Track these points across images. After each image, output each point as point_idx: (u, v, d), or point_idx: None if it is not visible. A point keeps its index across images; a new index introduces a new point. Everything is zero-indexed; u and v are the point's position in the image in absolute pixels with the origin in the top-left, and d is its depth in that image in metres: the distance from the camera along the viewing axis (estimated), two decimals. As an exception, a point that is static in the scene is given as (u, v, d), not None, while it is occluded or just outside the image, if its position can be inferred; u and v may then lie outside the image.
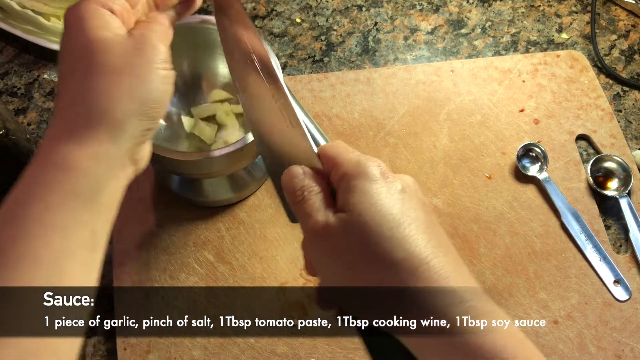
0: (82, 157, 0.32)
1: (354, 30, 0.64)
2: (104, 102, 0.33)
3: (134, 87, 0.34)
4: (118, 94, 0.33)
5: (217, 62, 0.51)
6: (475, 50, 0.63)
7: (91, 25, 0.34)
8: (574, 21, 0.65)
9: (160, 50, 0.36)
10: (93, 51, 0.34)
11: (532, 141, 0.55)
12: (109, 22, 0.35)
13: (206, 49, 0.50)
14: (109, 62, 0.34)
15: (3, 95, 0.59)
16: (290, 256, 0.50)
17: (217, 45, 0.49)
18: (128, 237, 0.50)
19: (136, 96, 0.34)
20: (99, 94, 0.33)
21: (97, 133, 0.32)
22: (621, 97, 0.60)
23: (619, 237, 0.52)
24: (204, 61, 0.51)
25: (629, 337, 0.47)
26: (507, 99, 0.58)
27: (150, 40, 0.36)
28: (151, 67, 0.35)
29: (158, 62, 0.36)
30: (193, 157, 0.43)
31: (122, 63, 0.34)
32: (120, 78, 0.34)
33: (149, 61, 0.35)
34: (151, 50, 0.36)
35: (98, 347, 0.47)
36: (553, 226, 0.51)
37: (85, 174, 0.32)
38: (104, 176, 0.33)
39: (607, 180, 0.53)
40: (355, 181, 0.33)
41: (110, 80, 0.34)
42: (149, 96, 0.34)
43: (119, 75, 0.34)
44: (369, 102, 0.58)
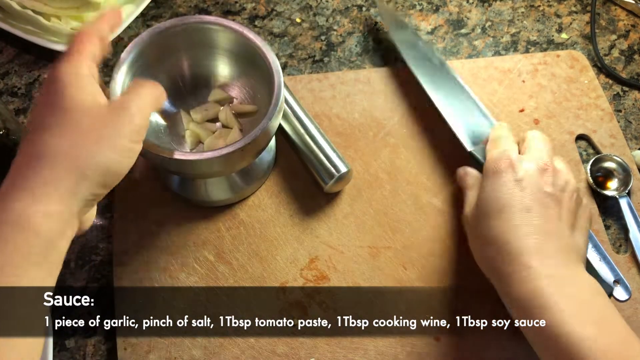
0: (36, 215, 0.31)
1: (354, 30, 0.64)
2: (60, 161, 0.33)
3: (93, 154, 0.33)
4: (77, 157, 0.33)
5: (216, 61, 0.51)
6: (475, 50, 0.63)
7: (71, 90, 0.34)
8: (574, 21, 0.65)
9: (134, 122, 0.35)
10: (65, 111, 0.34)
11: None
12: (88, 87, 0.35)
13: (205, 48, 0.50)
14: (77, 123, 0.33)
15: (3, 95, 0.59)
16: (290, 256, 0.50)
17: (215, 45, 0.49)
18: (128, 238, 0.50)
19: (93, 163, 0.33)
20: (57, 153, 0.33)
21: (52, 191, 0.32)
22: (621, 97, 0.60)
23: (619, 237, 0.52)
24: (203, 61, 0.51)
25: (629, 337, 0.47)
26: (507, 99, 0.58)
27: (128, 109, 0.35)
28: (118, 137, 0.34)
29: (127, 134, 0.35)
30: (191, 157, 0.42)
31: (90, 127, 0.34)
32: (83, 142, 0.33)
33: (118, 131, 0.34)
34: (124, 120, 0.35)
35: (98, 347, 0.47)
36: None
37: (38, 233, 0.31)
38: (56, 235, 0.32)
39: (607, 180, 0.53)
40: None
41: (73, 143, 0.33)
42: (106, 166, 0.34)
43: (83, 139, 0.33)
44: (369, 102, 0.58)
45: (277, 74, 0.45)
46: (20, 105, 0.59)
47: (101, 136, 0.34)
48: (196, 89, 0.52)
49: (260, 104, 0.51)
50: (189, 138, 0.51)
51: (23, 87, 0.60)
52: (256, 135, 0.42)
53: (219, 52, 0.50)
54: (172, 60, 0.50)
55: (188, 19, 0.47)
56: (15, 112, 0.58)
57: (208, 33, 0.48)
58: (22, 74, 0.60)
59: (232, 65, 0.51)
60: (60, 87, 0.34)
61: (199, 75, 0.52)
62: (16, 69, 0.61)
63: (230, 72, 0.52)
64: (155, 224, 0.51)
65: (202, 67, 0.51)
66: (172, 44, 0.48)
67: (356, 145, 0.55)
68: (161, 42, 0.47)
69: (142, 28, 0.64)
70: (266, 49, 0.46)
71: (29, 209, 0.31)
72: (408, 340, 0.46)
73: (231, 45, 0.49)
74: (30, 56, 0.61)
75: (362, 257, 0.50)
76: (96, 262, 0.50)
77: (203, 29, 0.48)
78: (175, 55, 0.50)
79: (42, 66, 0.61)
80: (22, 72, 0.61)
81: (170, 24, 0.46)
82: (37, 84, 0.60)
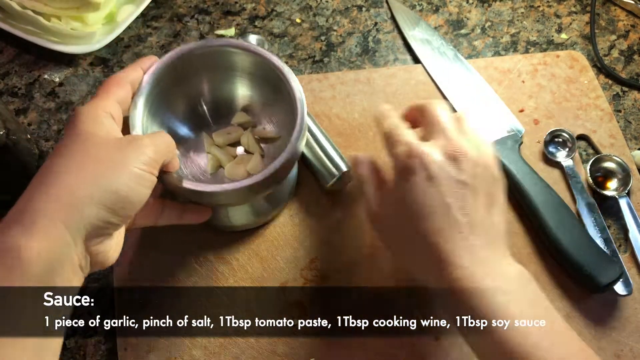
0: (25, 246, 0.30)
1: (354, 30, 0.64)
2: (59, 183, 0.33)
3: (100, 175, 0.33)
4: (81, 180, 0.33)
5: (237, 84, 0.50)
6: (475, 50, 0.63)
7: (87, 123, 0.35)
8: (574, 21, 0.65)
9: (145, 153, 0.36)
10: (76, 138, 0.35)
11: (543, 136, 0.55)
12: (104, 122, 0.36)
13: (227, 71, 0.48)
14: (89, 151, 0.34)
15: (3, 95, 0.59)
16: (290, 256, 0.50)
17: (237, 68, 0.48)
18: (127, 238, 0.50)
19: (101, 184, 0.33)
20: (59, 174, 0.33)
21: (41, 218, 0.31)
22: (620, 97, 0.60)
23: (619, 237, 0.52)
24: (225, 83, 0.50)
25: (628, 337, 0.47)
26: (507, 99, 0.58)
27: (140, 140, 0.36)
28: (127, 163, 0.35)
29: (137, 163, 0.35)
30: (209, 189, 0.41)
31: (98, 153, 0.34)
32: (91, 165, 0.34)
33: (126, 157, 0.35)
34: (134, 148, 0.36)
35: (98, 347, 0.47)
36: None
37: (29, 261, 0.30)
38: (50, 264, 0.31)
39: (606, 181, 0.53)
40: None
41: (79, 166, 0.33)
42: (116, 189, 0.34)
43: (93, 163, 0.34)
44: (369, 102, 0.58)
45: (300, 103, 0.43)
46: (20, 105, 0.59)
47: (109, 160, 0.34)
48: (217, 112, 0.51)
49: (281, 127, 0.50)
50: (209, 162, 0.50)
51: (23, 87, 0.60)
52: (276, 168, 0.41)
53: (241, 74, 0.49)
54: (192, 83, 0.48)
55: (211, 42, 0.45)
56: (15, 112, 0.58)
57: (230, 56, 0.47)
58: (22, 74, 0.60)
59: (254, 89, 0.50)
60: (77, 121, 0.35)
61: (220, 98, 0.50)
62: (16, 69, 0.61)
63: (252, 96, 0.50)
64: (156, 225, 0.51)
65: (224, 90, 0.50)
66: (192, 67, 0.47)
67: (356, 145, 0.55)
68: (181, 65, 0.45)
69: (142, 28, 0.64)
70: (290, 76, 0.44)
71: (18, 239, 0.31)
72: (408, 340, 0.46)
73: (254, 69, 0.47)
74: (30, 56, 0.61)
75: (362, 257, 0.50)
76: (96, 262, 0.50)
77: (225, 52, 0.46)
78: (196, 78, 0.48)
79: (42, 66, 0.61)
80: (22, 72, 0.61)
81: (192, 48, 0.45)
82: (37, 84, 0.60)
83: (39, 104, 0.59)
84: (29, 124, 0.58)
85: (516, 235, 0.51)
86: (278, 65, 0.45)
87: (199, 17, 0.65)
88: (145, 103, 0.43)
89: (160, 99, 0.45)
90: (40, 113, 0.58)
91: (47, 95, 0.59)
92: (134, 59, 0.62)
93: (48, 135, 0.57)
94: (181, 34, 0.64)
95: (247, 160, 0.50)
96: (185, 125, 0.50)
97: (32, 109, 0.58)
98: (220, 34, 0.63)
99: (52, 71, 0.61)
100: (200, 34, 0.64)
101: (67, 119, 0.58)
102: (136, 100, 0.42)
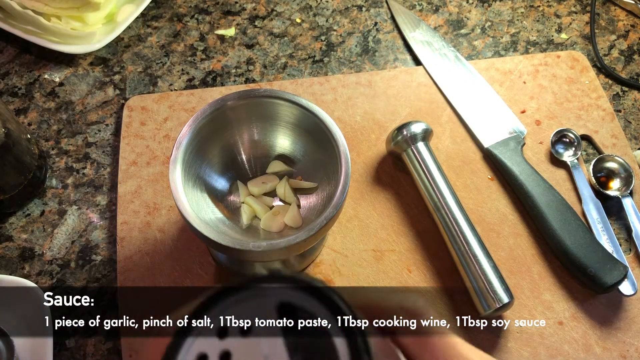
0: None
1: (354, 30, 0.64)
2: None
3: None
4: None
5: (276, 133, 0.48)
6: (475, 50, 0.63)
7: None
8: (574, 21, 0.65)
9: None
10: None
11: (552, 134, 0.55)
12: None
13: (267, 120, 0.47)
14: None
15: (4, 95, 0.59)
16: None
17: (277, 117, 0.46)
18: (131, 244, 0.50)
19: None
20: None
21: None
22: (620, 97, 0.60)
23: (622, 236, 0.52)
24: (264, 132, 0.48)
25: (634, 337, 0.47)
26: (509, 100, 0.58)
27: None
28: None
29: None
30: (249, 249, 0.38)
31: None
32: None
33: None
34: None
35: (98, 347, 0.47)
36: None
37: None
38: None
39: (609, 181, 0.53)
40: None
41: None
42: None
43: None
44: (370, 104, 0.57)
45: (345, 157, 0.42)
46: (20, 105, 0.58)
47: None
48: (254, 159, 0.49)
49: (320, 178, 0.47)
50: (244, 213, 0.47)
51: (23, 87, 0.59)
52: (320, 226, 0.39)
53: (281, 124, 0.47)
54: (231, 132, 0.47)
55: (253, 92, 0.44)
56: (15, 112, 0.58)
57: (272, 107, 0.45)
58: (22, 74, 0.60)
59: (294, 138, 0.48)
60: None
61: (258, 146, 0.49)
62: (16, 69, 0.60)
63: (291, 145, 0.48)
64: (159, 229, 0.50)
65: (262, 139, 0.48)
66: (232, 117, 0.46)
67: (358, 148, 0.55)
68: (220, 116, 0.44)
69: (142, 28, 0.63)
70: (335, 130, 0.43)
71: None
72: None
73: (295, 120, 0.46)
74: (31, 56, 0.61)
75: (366, 261, 0.50)
76: (96, 262, 0.50)
77: (267, 103, 0.45)
78: (235, 128, 0.47)
79: (42, 66, 0.61)
80: (22, 72, 0.60)
81: (234, 99, 0.44)
82: (37, 84, 0.60)
83: (39, 103, 0.58)
84: (29, 124, 0.57)
85: (520, 237, 0.51)
86: (322, 117, 0.43)
87: (199, 17, 0.65)
88: (182, 158, 0.42)
89: (197, 150, 0.44)
90: (40, 113, 0.58)
91: (47, 95, 0.59)
92: (134, 58, 0.61)
93: (48, 135, 0.56)
94: (181, 34, 0.63)
95: (284, 210, 0.47)
96: (219, 175, 0.48)
97: (32, 109, 0.58)
98: (220, 34, 0.63)
99: (52, 71, 0.60)
100: (200, 33, 0.63)
101: (67, 118, 0.57)
102: (175, 153, 0.41)
